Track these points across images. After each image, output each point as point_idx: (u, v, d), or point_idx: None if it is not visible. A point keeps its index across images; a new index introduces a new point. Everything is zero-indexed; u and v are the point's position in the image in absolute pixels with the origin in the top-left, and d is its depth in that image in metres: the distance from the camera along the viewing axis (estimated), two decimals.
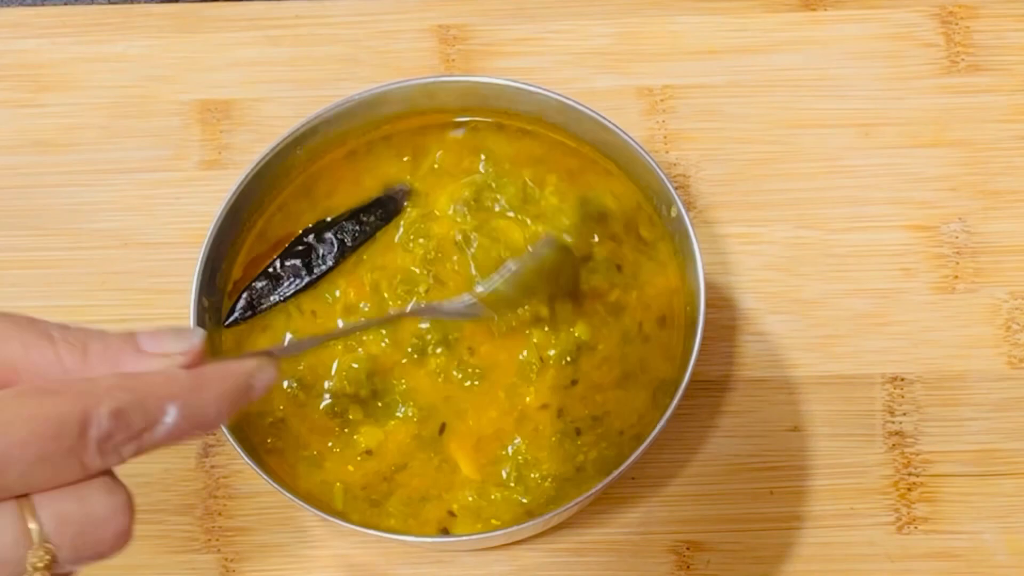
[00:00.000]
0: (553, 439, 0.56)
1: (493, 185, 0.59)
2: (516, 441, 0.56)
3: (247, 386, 0.38)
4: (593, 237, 0.58)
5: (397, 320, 0.57)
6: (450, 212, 0.59)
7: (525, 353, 0.57)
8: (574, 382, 0.56)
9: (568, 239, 0.58)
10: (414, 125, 0.60)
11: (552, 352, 0.56)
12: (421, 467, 0.56)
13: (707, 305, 0.54)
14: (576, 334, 0.57)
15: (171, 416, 0.35)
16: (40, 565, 0.33)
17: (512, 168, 0.60)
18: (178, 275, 0.61)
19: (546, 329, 0.57)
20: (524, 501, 0.55)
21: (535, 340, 0.57)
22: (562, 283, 0.57)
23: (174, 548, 0.60)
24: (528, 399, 0.56)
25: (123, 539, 0.35)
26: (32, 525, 0.33)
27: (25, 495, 0.34)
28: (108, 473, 0.35)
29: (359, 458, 0.56)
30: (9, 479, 0.33)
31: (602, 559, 0.60)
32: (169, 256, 0.65)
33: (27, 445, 0.33)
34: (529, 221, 0.59)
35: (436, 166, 0.60)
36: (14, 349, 0.35)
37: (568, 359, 0.56)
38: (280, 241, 0.59)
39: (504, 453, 0.56)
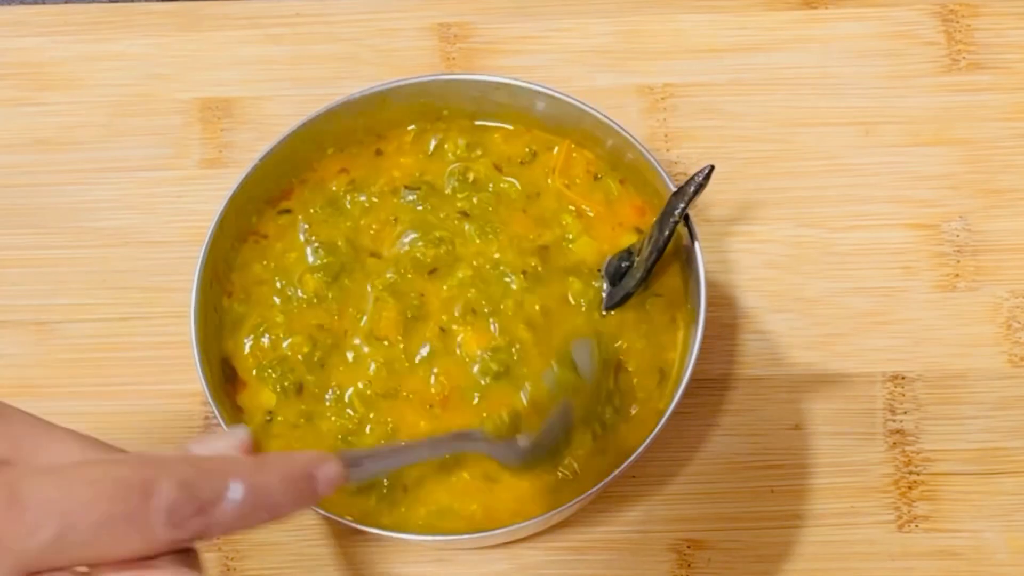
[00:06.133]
0: None
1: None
2: None
3: (308, 475, 0.37)
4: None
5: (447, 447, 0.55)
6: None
7: None
8: None
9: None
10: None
11: None
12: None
13: (708, 303, 0.54)
14: None
15: (236, 492, 0.35)
16: None
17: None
18: (179, 273, 0.62)
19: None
20: None
21: None
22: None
23: None
24: None
25: None
26: None
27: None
28: (183, 552, 0.35)
29: None
30: (72, 544, 0.32)
31: (603, 557, 0.60)
32: (170, 254, 0.65)
33: (90, 507, 0.32)
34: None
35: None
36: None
37: None
38: None
39: None
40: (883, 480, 0.61)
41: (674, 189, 0.56)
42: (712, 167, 0.53)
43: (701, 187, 0.54)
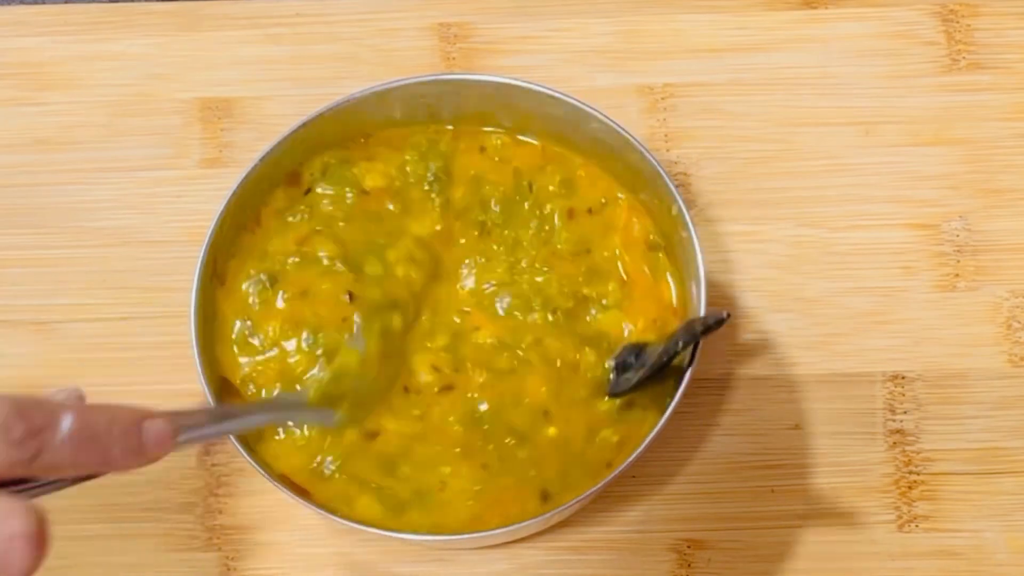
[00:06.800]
0: None
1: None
2: None
3: (135, 425, 0.39)
4: None
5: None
6: None
7: None
8: None
9: None
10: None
11: None
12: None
13: (708, 303, 0.54)
14: None
15: (67, 422, 0.37)
16: None
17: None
18: (179, 273, 0.61)
19: None
20: None
21: None
22: None
23: (175, 546, 0.60)
24: None
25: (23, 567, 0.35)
26: None
27: None
28: (18, 493, 0.36)
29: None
30: None
31: (603, 557, 0.60)
32: (170, 254, 0.65)
33: None
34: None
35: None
36: None
37: None
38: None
39: None
40: (883, 480, 0.61)
41: (674, 188, 0.56)
42: (729, 315, 0.49)
43: (711, 329, 0.51)
